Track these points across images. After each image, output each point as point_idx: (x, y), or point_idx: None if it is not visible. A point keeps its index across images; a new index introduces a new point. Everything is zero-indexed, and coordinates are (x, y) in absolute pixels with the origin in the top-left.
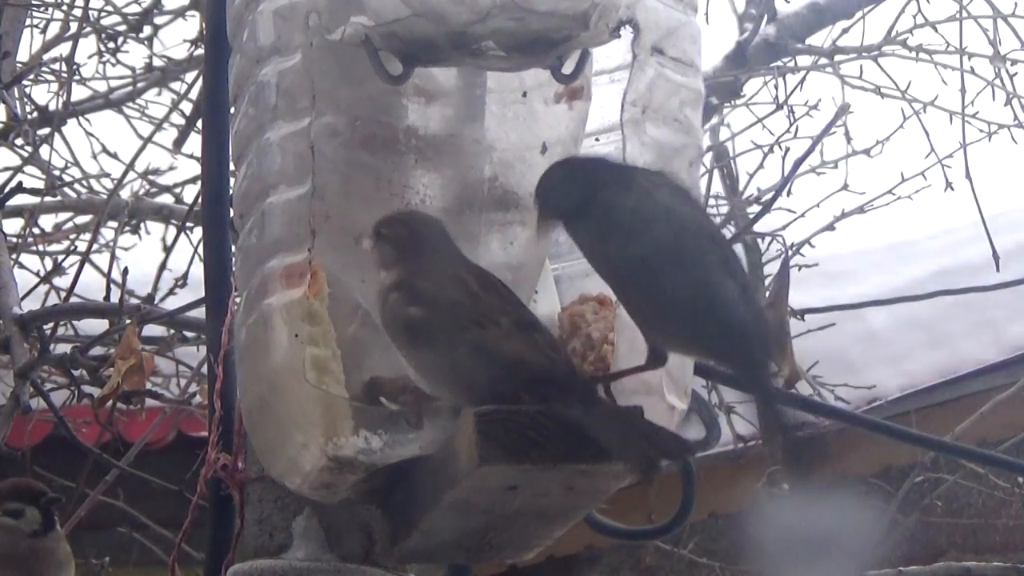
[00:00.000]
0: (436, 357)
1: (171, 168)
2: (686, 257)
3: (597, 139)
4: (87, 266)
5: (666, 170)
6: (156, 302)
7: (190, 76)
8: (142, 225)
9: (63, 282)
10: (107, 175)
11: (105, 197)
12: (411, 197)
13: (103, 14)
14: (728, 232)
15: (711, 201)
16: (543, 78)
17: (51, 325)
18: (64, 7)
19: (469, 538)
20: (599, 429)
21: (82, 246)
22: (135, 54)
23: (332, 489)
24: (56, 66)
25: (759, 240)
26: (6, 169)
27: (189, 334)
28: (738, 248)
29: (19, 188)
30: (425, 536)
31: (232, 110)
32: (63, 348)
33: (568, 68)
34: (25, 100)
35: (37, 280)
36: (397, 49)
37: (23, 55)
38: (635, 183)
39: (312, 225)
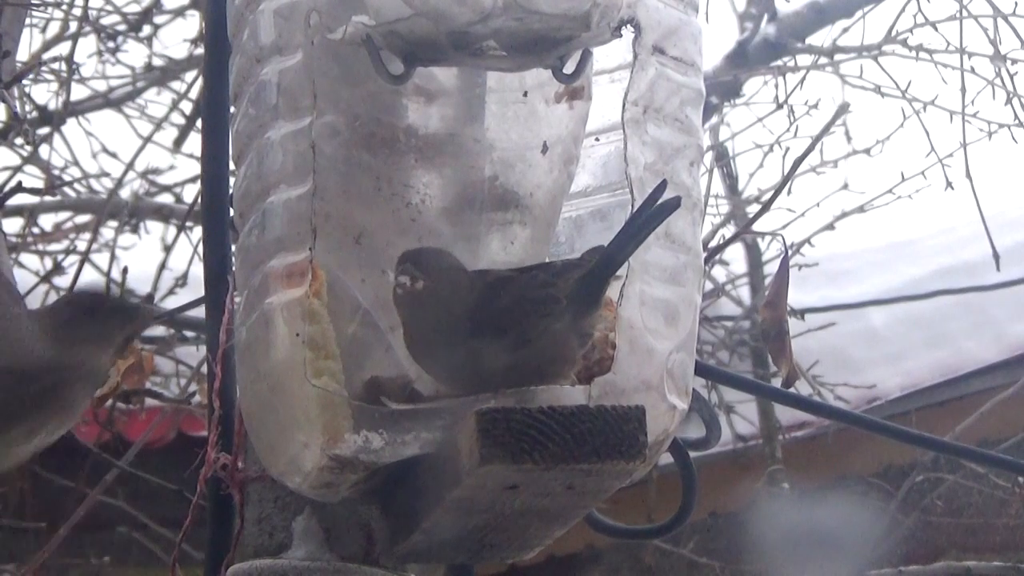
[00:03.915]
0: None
1: (171, 168)
2: None
3: (597, 139)
4: (87, 266)
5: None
6: (156, 301)
7: (190, 76)
8: (142, 225)
9: (63, 282)
10: (107, 175)
11: (105, 197)
12: (411, 196)
13: (103, 14)
14: (728, 232)
15: (711, 201)
16: (544, 77)
17: None
18: (64, 7)
19: (470, 537)
20: None
21: (82, 246)
22: (135, 54)
23: (333, 488)
24: (56, 66)
25: (759, 240)
26: (6, 169)
27: (189, 334)
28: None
29: (19, 188)
30: (426, 535)
31: (232, 109)
32: None
33: (569, 68)
34: (25, 100)
35: (37, 280)
36: (398, 48)
37: (23, 55)
38: None
39: (313, 224)
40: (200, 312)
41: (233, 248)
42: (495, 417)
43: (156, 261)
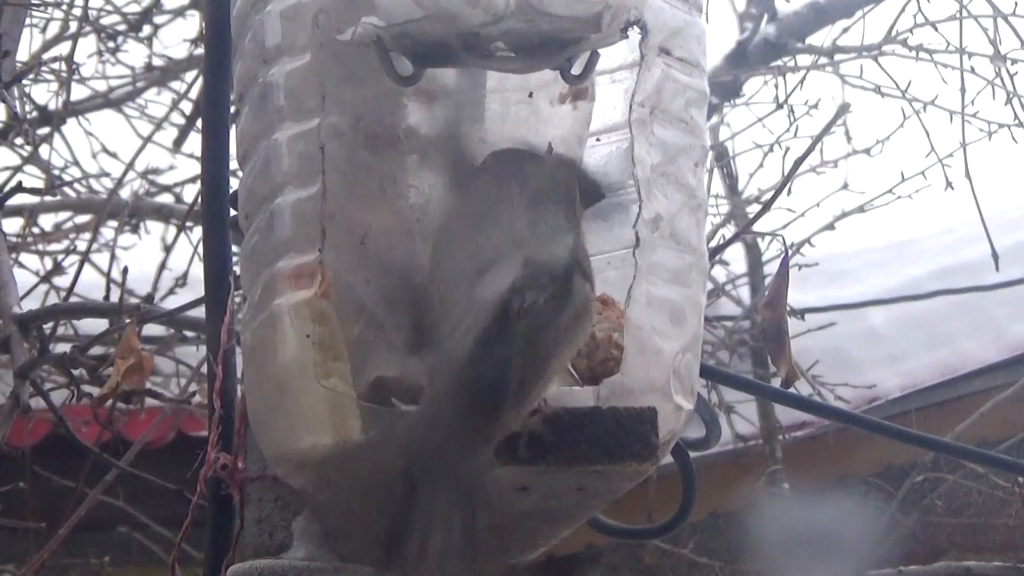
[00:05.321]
0: None
1: (171, 168)
2: None
3: (598, 139)
4: (87, 266)
5: (670, 169)
6: (156, 301)
7: (190, 76)
8: (142, 225)
9: (63, 281)
10: (107, 175)
11: (105, 197)
12: (415, 197)
13: (103, 14)
14: (728, 232)
15: (711, 201)
16: (547, 78)
17: (51, 324)
18: (64, 7)
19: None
20: None
21: (82, 246)
22: (135, 54)
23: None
24: (56, 66)
25: (759, 240)
26: (6, 169)
27: (189, 334)
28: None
29: (19, 188)
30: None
31: (235, 110)
32: (63, 347)
33: (577, 69)
34: (25, 100)
35: (37, 280)
36: (408, 50)
37: (23, 55)
38: None
39: (322, 225)
40: (200, 312)
41: (234, 248)
42: None
43: (156, 261)
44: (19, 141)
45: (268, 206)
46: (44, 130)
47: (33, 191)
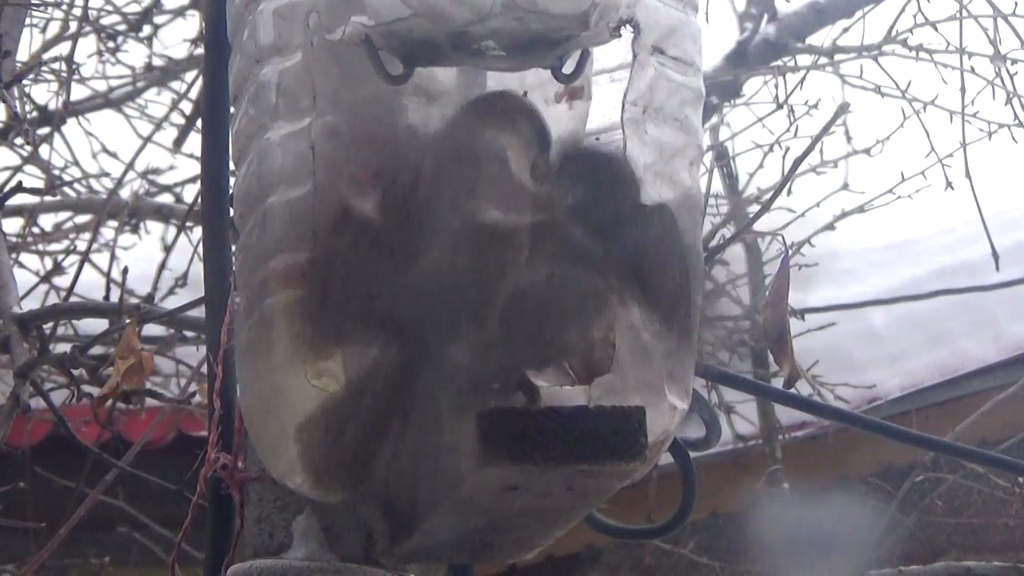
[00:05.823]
0: None
1: (171, 168)
2: None
3: (597, 138)
4: (87, 266)
5: (664, 169)
6: (156, 302)
7: (190, 76)
8: (142, 225)
9: (63, 281)
10: (107, 175)
11: (105, 197)
12: None
13: (103, 13)
14: (728, 232)
15: (711, 201)
16: (544, 77)
17: (51, 324)
18: (64, 6)
19: (470, 538)
20: None
21: (82, 246)
22: (135, 54)
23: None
24: (56, 66)
25: (759, 240)
26: (6, 169)
27: (189, 334)
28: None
29: (19, 188)
30: (426, 536)
31: (232, 110)
32: (63, 347)
33: (569, 68)
34: (25, 100)
35: (37, 280)
36: (397, 49)
37: (23, 55)
38: None
39: (313, 225)
40: (200, 312)
41: (233, 248)
42: (495, 418)
43: (156, 261)
44: (19, 141)
45: (261, 205)
46: (44, 130)
47: (33, 191)
